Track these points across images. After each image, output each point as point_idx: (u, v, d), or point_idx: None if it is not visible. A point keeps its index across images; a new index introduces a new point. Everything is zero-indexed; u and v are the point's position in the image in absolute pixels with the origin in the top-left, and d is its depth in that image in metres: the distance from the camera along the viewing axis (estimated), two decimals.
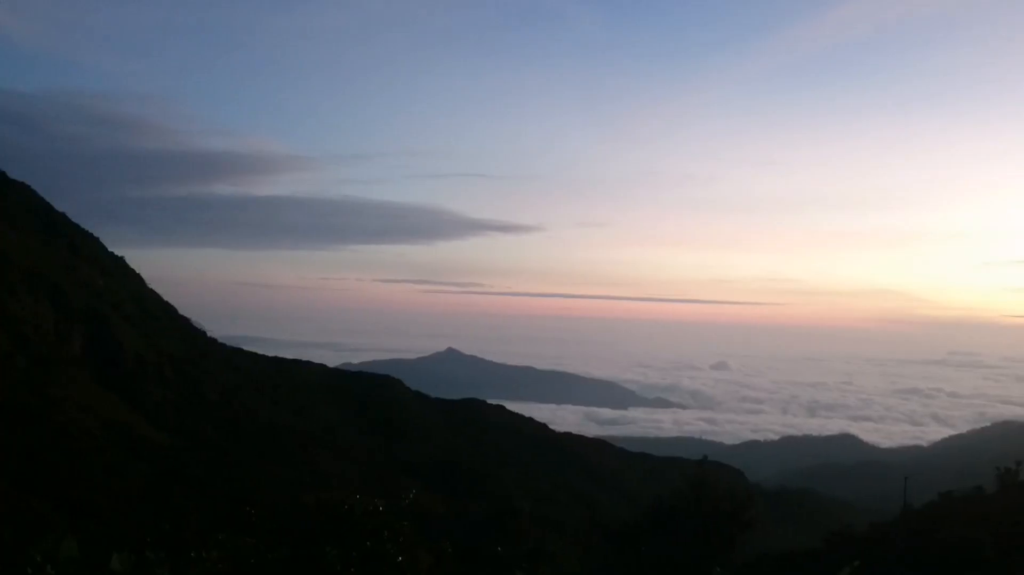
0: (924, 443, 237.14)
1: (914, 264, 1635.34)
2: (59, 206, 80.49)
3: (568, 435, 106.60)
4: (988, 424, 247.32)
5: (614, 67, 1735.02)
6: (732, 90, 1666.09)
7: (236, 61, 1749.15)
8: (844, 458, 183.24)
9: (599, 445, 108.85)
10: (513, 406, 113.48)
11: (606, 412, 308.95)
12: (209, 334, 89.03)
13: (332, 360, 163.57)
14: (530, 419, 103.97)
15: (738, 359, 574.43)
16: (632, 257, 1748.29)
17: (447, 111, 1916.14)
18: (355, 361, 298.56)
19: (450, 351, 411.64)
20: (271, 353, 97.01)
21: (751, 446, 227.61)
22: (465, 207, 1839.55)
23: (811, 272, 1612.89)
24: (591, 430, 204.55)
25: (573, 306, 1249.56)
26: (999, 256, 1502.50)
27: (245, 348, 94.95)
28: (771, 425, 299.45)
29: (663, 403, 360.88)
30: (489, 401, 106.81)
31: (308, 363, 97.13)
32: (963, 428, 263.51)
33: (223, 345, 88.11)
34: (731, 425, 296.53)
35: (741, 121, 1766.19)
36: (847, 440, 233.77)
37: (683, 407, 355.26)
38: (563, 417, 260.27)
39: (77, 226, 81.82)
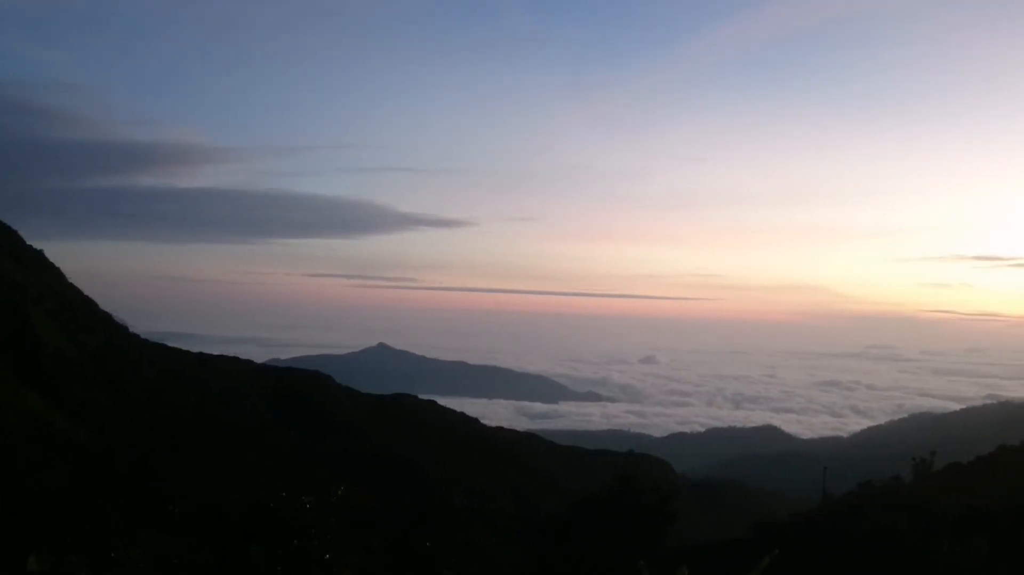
0: (844, 434, 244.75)
1: (835, 260, 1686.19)
2: None
3: (500, 429, 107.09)
4: (905, 416, 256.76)
5: (544, 61, 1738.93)
6: (662, 86, 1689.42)
7: (160, 50, 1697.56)
8: (767, 449, 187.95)
9: (530, 439, 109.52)
10: (445, 401, 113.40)
11: (537, 406, 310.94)
12: (132, 329, 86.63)
13: (259, 356, 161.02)
14: (462, 414, 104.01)
15: (666, 353, 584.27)
16: (563, 252, 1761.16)
17: (377, 104, 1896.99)
18: (283, 357, 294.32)
19: (381, 346, 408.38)
20: (196, 349, 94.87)
21: (678, 438, 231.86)
22: (396, 201, 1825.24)
23: (737, 267, 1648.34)
24: (523, 424, 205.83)
25: (505, 301, 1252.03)
26: (915, 253, 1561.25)
27: (169, 344, 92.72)
28: (697, 417, 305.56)
29: (593, 397, 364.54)
30: (421, 396, 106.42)
31: (234, 359, 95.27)
32: (881, 419, 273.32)
33: (146, 341, 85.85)
34: (659, 418, 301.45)
35: (671, 117, 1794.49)
36: (770, 431, 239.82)
37: (613, 400, 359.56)
38: (495, 411, 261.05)
39: None
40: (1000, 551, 32.37)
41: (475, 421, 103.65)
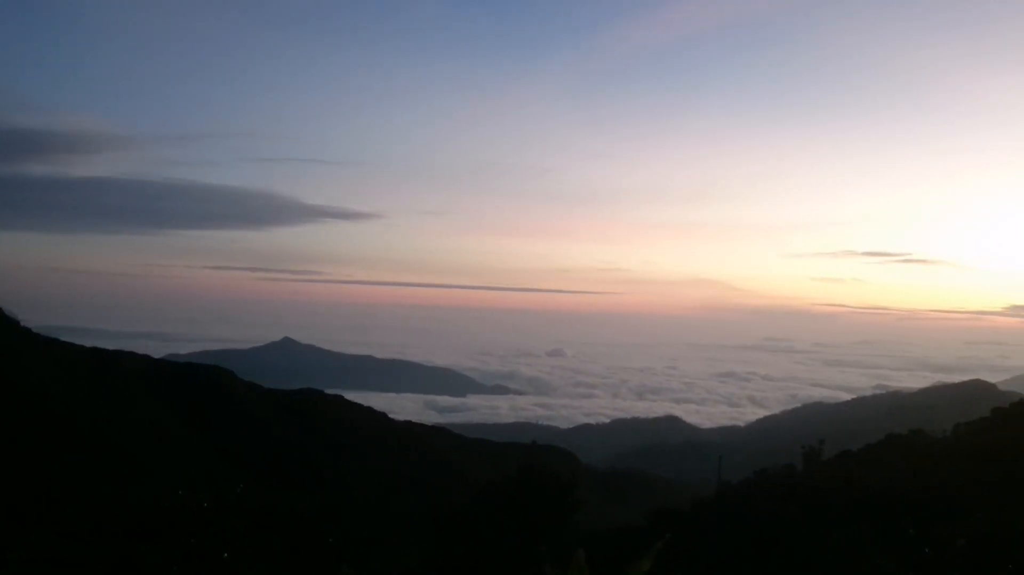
0: (741, 423, 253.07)
1: (733, 255, 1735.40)
2: None
3: (408, 423, 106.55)
4: (799, 405, 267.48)
5: (454, 54, 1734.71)
6: (570, 82, 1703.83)
7: (52, 34, 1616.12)
8: (669, 439, 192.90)
9: (438, 433, 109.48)
10: (352, 396, 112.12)
11: (445, 400, 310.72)
12: (23, 323, 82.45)
13: (158, 351, 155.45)
14: (369, 408, 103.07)
15: (574, 346, 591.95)
16: (472, 246, 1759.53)
17: (281, 93, 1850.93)
18: (183, 352, 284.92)
19: (286, 340, 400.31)
20: (91, 344, 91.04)
21: (584, 429, 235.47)
22: (301, 192, 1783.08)
23: (641, 262, 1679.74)
24: (431, 418, 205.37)
25: (414, 294, 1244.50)
26: (808, 248, 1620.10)
27: (62, 339, 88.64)
28: (603, 409, 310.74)
29: (501, 390, 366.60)
30: (327, 391, 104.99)
31: (131, 354, 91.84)
32: (776, 409, 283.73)
33: (38, 335, 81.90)
34: (565, 410, 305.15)
35: (578, 113, 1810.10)
36: (671, 422, 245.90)
37: (521, 393, 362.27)
38: (403, 406, 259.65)
39: None
40: (885, 537, 34.11)
41: (383, 416, 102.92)
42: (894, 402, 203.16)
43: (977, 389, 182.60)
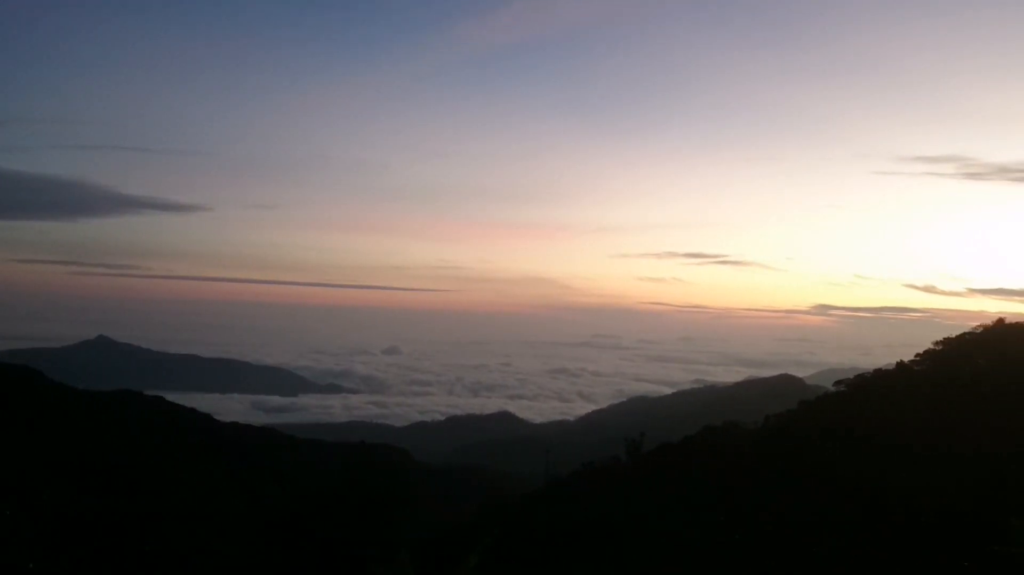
0: (571, 418, 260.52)
1: (564, 255, 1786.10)
2: None
3: (234, 425, 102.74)
4: (624, 400, 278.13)
5: (289, 45, 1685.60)
6: (406, 80, 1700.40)
7: None
8: (503, 434, 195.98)
9: (267, 434, 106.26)
10: (174, 397, 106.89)
11: (275, 400, 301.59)
12: None
13: None
14: (192, 410, 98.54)
15: (409, 343, 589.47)
16: (305, 241, 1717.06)
17: (96, 75, 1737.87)
18: None
19: (101, 339, 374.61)
20: None
21: (419, 427, 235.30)
22: (119, 182, 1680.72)
23: (477, 260, 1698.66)
24: (259, 419, 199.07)
25: (242, 291, 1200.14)
26: (634, 249, 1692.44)
27: None
28: (438, 406, 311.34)
29: (335, 389, 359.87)
30: (146, 392, 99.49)
31: None
32: (604, 403, 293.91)
33: None
34: (400, 408, 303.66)
35: (413, 111, 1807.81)
36: (505, 417, 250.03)
37: (355, 392, 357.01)
38: (229, 407, 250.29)
39: None
40: (697, 523, 36.13)
41: (207, 417, 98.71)
42: (710, 395, 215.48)
43: (785, 383, 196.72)
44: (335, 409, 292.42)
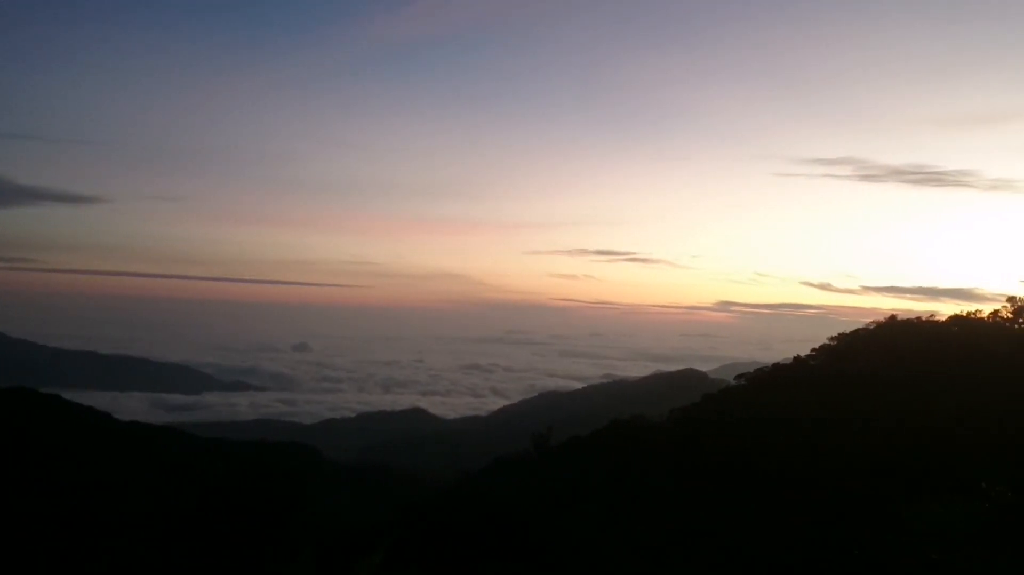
0: (483, 413, 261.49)
1: (478, 251, 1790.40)
2: None
3: (134, 424, 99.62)
4: (536, 395, 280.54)
5: (191, 33, 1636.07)
6: (316, 71, 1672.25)
7: None
8: (415, 431, 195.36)
9: (169, 433, 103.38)
10: (71, 394, 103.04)
11: (178, 398, 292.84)
12: None
13: None
14: (90, 408, 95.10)
15: (320, 339, 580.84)
16: (210, 235, 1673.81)
17: None
18: None
19: None
20: None
21: (329, 424, 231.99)
22: (13, 172, 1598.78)
23: (390, 255, 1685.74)
24: (161, 417, 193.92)
25: (143, 286, 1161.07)
26: (546, 246, 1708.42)
27: None
28: (348, 403, 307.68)
29: (241, 386, 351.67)
30: (41, 390, 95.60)
31: None
32: (516, 399, 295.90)
33: None
34: (309, 405, 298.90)
35: (324, 103, 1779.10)
36: (417, 414, 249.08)
37: (262, 389, 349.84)
38: (129, 405, 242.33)
39: None
40: (613, 515, 36.93)
41: (106, 416, 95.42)
42: (619, 390, 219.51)
43: (690, 377, 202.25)
44: (241, 407, 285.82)
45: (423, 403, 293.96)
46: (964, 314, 65.79)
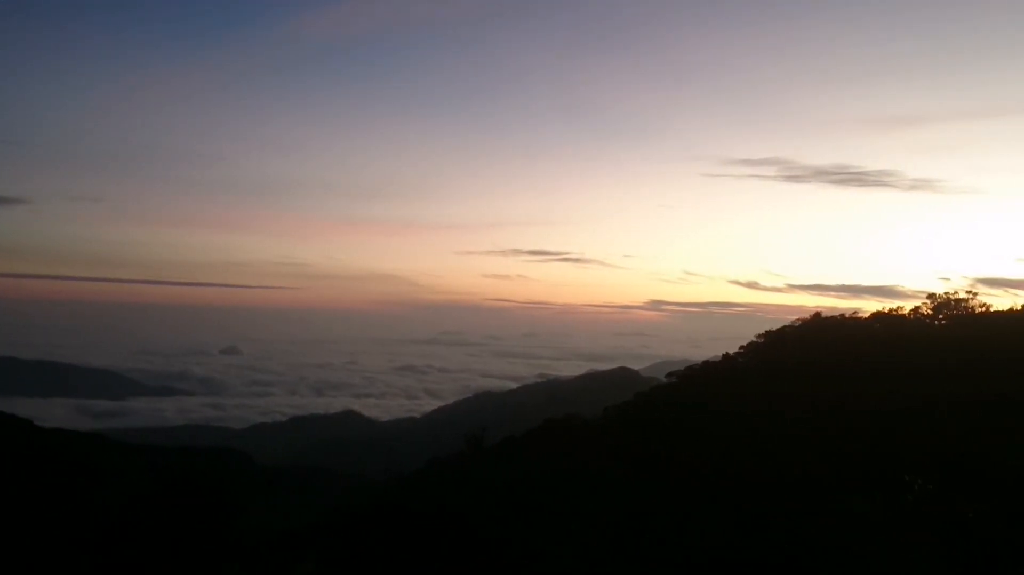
0: (417, 415, 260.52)
1: (410, 252, 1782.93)
2: None
3: (57, 431, 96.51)
4: (471, 395, 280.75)
5: (115, 29, 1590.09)
6: (244, 71, 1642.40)
7: None
8: (348, 434, 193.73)
9: (93, 440, 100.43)
10: None
11: (102, 404, 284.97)
12: None
13: None
14: (11, 416, 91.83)
15: (249, 343, 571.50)
16: (134, 236, 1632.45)
17: None
18: None
19: None
20: None
21: (260, 428, 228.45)
22: None
23: (321, 257, 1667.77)
24: (85, 424, 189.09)
25: (66, 289, 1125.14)
26: (479, 247, 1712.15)
27: None
28: (280, 407, 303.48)
29: (168, 391, 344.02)
30: None
31: None
32: (450, 400, 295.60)
33: None
34: (239, 409, 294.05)
35: (252, 104, 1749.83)
36: (351, 416, 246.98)
37: (190, 394, 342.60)
38: (51, 412, 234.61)
39: None
40: (547, 512, 37.16)
41: (27, 423, 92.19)
42: (553, 389, 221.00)
43: (623, 376, 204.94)
44: (168, 412, 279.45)
45: (356, 406, 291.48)
46: (886, 311, 67.92)
